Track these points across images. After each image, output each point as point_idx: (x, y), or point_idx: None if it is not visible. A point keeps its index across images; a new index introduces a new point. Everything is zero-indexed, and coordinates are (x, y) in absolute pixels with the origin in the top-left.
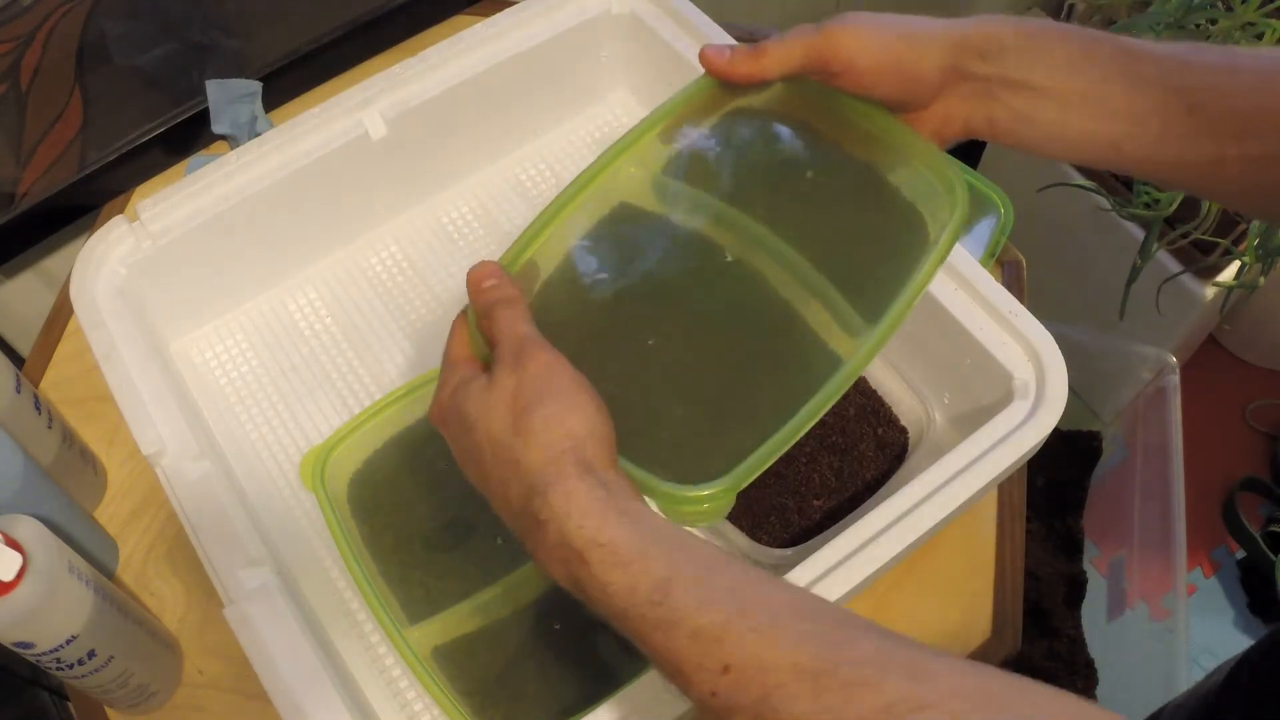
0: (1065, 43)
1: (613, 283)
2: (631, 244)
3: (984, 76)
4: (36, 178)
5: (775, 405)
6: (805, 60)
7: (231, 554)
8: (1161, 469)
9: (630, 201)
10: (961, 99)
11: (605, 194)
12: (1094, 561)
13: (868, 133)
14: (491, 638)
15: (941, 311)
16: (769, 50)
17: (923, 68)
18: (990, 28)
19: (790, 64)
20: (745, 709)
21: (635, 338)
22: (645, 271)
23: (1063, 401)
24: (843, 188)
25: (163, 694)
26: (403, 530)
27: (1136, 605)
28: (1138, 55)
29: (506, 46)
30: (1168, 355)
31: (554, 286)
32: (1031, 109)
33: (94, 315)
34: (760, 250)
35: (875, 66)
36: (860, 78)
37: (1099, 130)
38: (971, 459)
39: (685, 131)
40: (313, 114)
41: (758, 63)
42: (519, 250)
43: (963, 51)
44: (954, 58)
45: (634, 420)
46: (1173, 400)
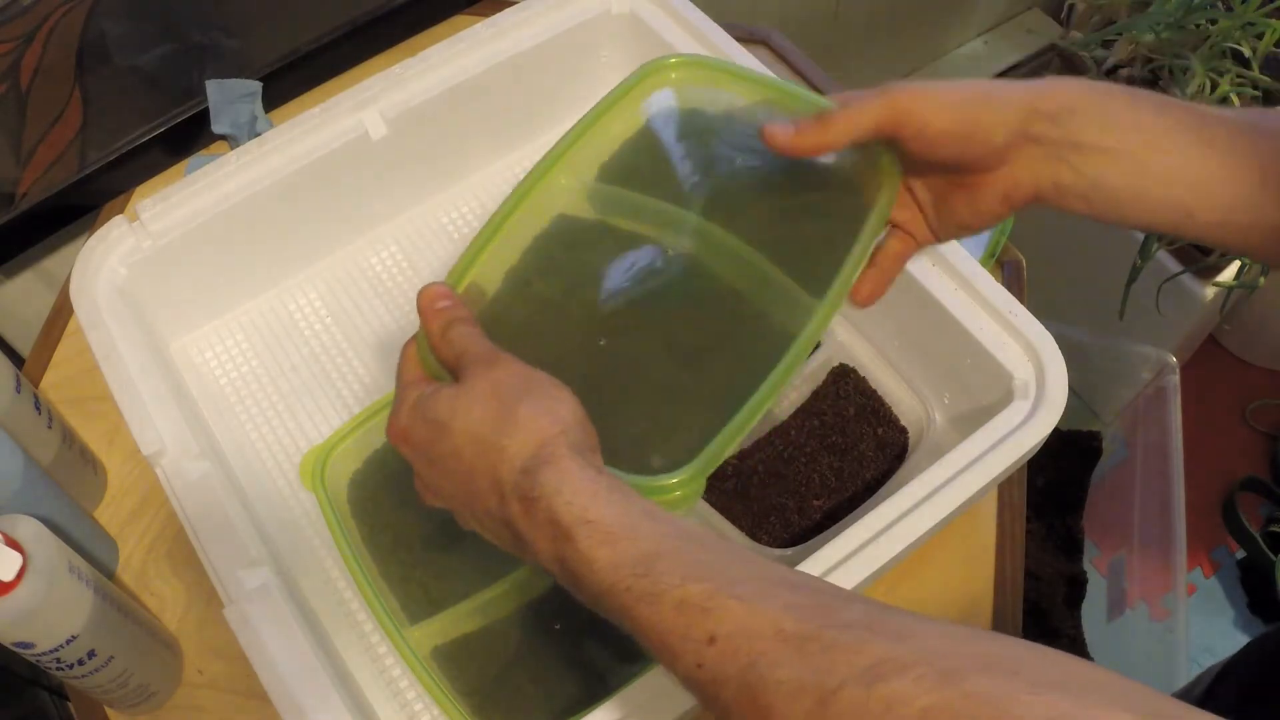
0: (1136, 106)
1: (558, 292)
2: (573, 253)
3: (1054, 140)
4: (36, 178)
5: (733, 387)
6: (877, 129)
7: (231, 554)
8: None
9: (568, 213)
10: (1030, 163)
11: (542, 208)
12: (1094, 561)
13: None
14: (491, 638)
15: (941, 311)
16: (836, 122)
17: (994, 131)
18: (1061, 90)
19: (860, 133)
20: (731, 679)
21: (585, 341)
22: (589, 277)
23: (1063, 401)
24: (773, 171)
25: (163, 694)
26: (402, 530)
27: (1136, 605)
28: (1209, 119)
29: (506, 46)
30: (1168, 355)
31: (500, 303)
32: (1101, 173)
33: (94, 315)
34: (700, 240)
35: (947, 131)
36: (931, 142)
37: (1170, 195)
38: (971, 459)
39: (614, 137)
40: (313, 114)
41: (825, 136)
42: (460, 272)
43: (1033, 115)
44: (1024, 122)
45: (594, 421)
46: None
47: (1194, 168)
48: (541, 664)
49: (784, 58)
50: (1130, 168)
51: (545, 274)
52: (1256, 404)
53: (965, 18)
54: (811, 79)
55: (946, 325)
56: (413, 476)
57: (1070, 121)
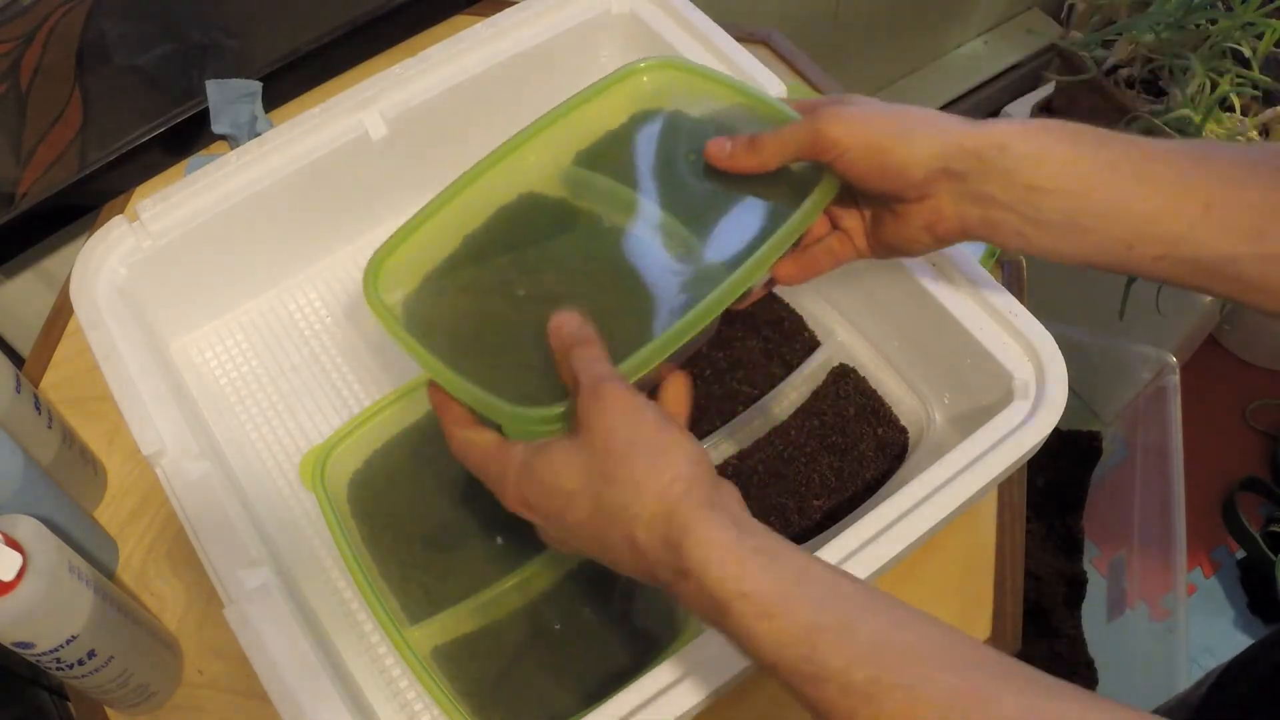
0: (1073, 141)
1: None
2: (531, 229)
3: (981, 178)
4: (36, 178)
5: (636, 338)
6: (799, 152)
7: (231, 554)
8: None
9: (535, 190)
10: (954, 200)
11: (510, 183)
12: (1094, 561)
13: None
14: (491, 638)
15: (941, 311)
16: (766, 146)
17: (908, 164)
18: (993, 128)
19: (787, 155)
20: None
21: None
22: (537, 247)
23: (1063, 402)
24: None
25: (163, 694)
26: (403, 530)
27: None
28: (1151, 153)
29: (506, 46)
30: (1168, 355)
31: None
32: (1035, 211)
33: (94, 315)
34: (644, 221)
35: (862, 163)
36: (850, 166)
37: (1109, 231)
38: (971, 459)
39: (594, 126)
40: (313, 114)
41: (756, 159)
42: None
43: (957, 152)
44: (944, 159)
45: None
46: (1173, 400)
47: (1135, 202)
48: (542, 664)
49: (784, 58)
50: (1067, 204)
51: (500, 244)
52: (1256, 404)
53: (965, 18)
54: (811, 79)
55: (946, 325)
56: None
57: (1000, 159)
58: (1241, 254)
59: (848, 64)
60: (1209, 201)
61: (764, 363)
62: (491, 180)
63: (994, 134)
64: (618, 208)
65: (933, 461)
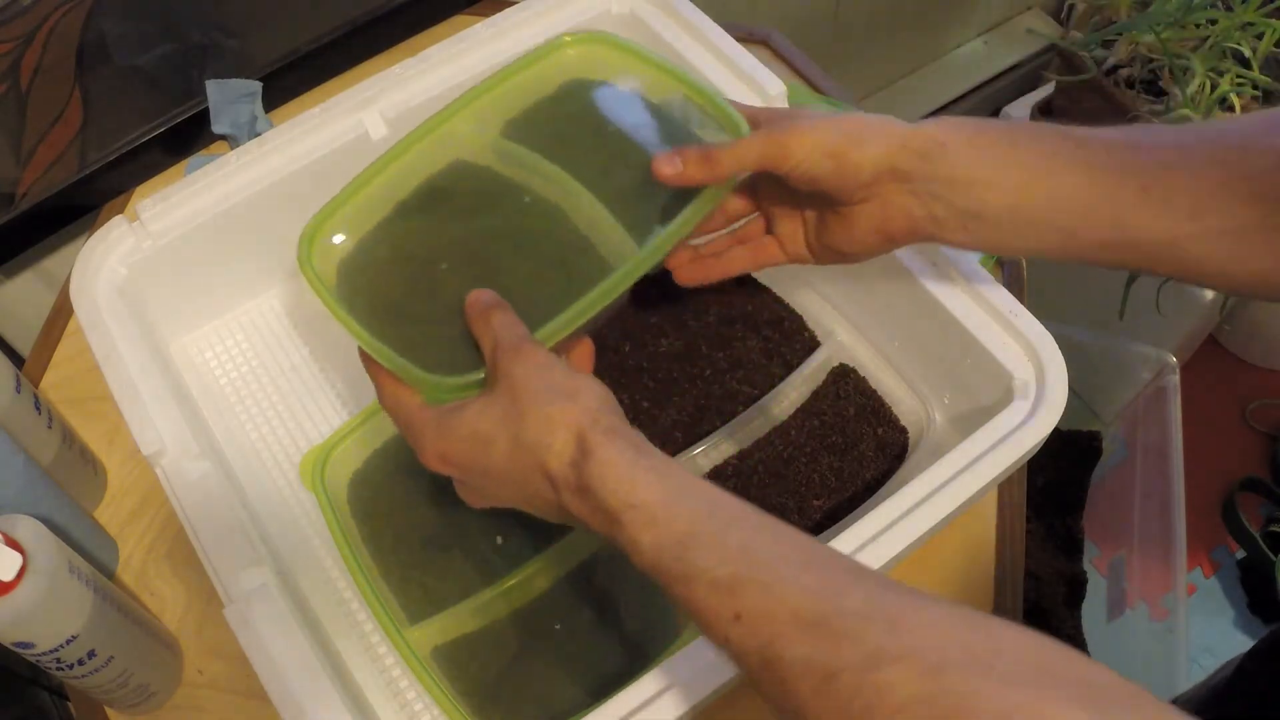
0: (1010, 136)
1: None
2: (458, 197)
3: (924, 176)
4: (36, 178)
5: (550, 308)
6: (759, 164)
7: (231, 554)
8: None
9: (464, 159)
10: (901, 197)
11: (440, 151)
12: (1094, 561)
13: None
14: (491, 638)
15: (941, 311)
16: (722, 159)
17: (859, 162)
18: (933, 128)
19: (745, 167)
20: (754, 652)
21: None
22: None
23: (1063, 401)
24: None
25: (163, 694)
26: (403, 530)
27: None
28: (1086, 142)
29: (506, 46)
30: (1168, 355)
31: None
32: (978, 204)
33: (94, 315)
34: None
35: (817, 163)
36: (804, 178)
37: (1051, 219)
38: (971, 459)
39: (524, 97)
40: (313, 114)
41: (711, 172)
42: (346, 196)
43: (901, 150)
44: (891, 157)
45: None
46: (1173, 400)
47: (1074, 189)
48: (542, 664)
49: (784, 57)
50: (1008, 196)
51: (427, 210)
52: (1256, 404)
53: (965, 18)
54: (811, 79)
55: (947, 325)
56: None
57: (941, 156)
58: (1181, 234)
59: (848, 64)
60: (1145, 185)
61: (764, 363)
62: (423, 149)
63: (935, 133)
64: (541, 180)
65: (933, 461)
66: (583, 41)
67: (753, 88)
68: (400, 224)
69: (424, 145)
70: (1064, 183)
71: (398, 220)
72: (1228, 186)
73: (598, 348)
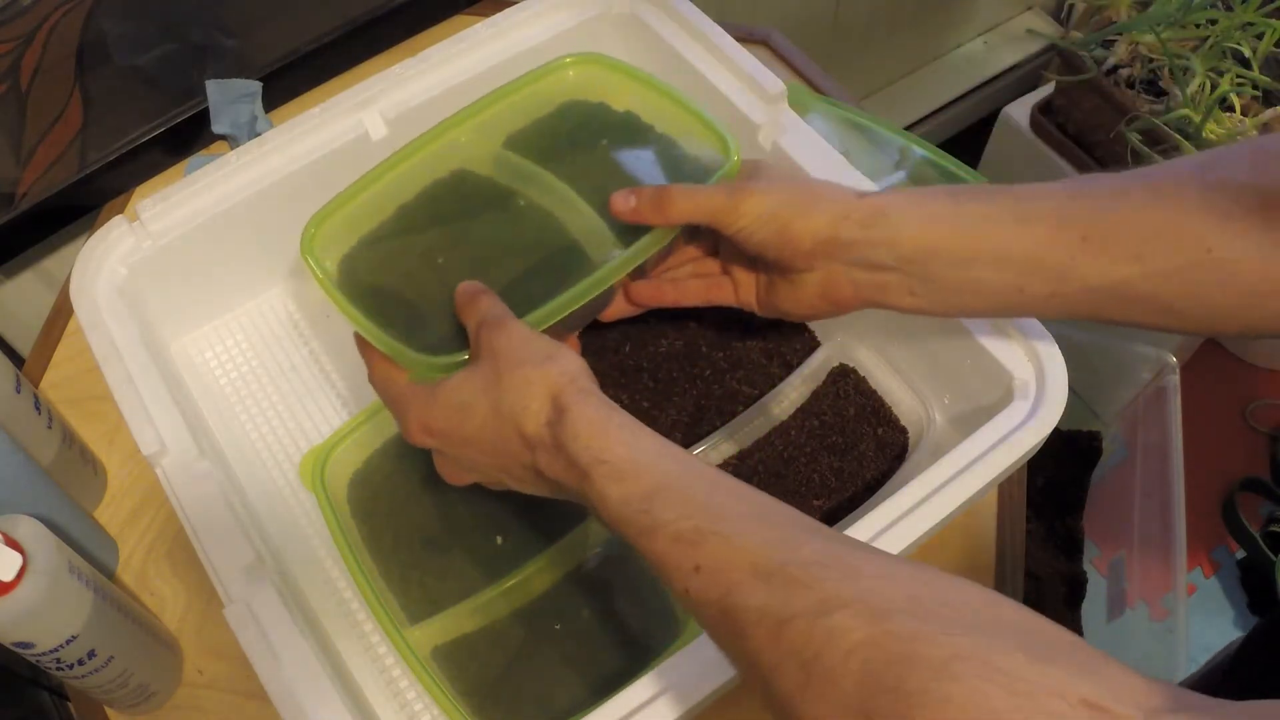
0: (952, 200)
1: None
2: (460, 203)
3: (869, 243)
4: (36, 178)
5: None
6: (710, 220)
7: (231, 554)
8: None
9: (467, 168)
10: (845, 267)
11: (444, 159)
12: (1094, 561)
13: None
14: (491, 638)
15: None
16: (673, 206)
17: (799, 233)
18: (875, 198)
19: (696, 219)
20: (713, 603)
21: (431, 257)
22: (462, 220)
23: (1063, 401)
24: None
25: (163, 694)
26: (402, 530)
27: (1136, 605)
28: (1027, 195)
29: (507, 46)
30: (1168, 355)
31: (384, 229)
32: (923, 270)
33: (94, 315)
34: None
35: (760, 228)
36: (749, 237)
37: (998, 278)
38: (971, 459)
39: (527, 113)
40: (313, 114)
41: (661, 215)
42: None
43: (844, 220)
44: (833, 227)
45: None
46: (1173, 400)
47: (1016, 244)
48: (542, 664)
49: (784, 58)
50: (952, 259)
51: (428, 215)
52: (1256, 404)
53: (965, 18)
54: (811, 79)
55: (946, 325)
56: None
57: (884, 225)
58: (1126, 277)
59: (848, 64)
60: (1086, 233)
61: (764, 363)
62: (427, 156)
63: (876, 202)
64: (537, 188)
65: (933, 461)
66: (582, 62)
67: (752, 88)
68: (401, 224)
69: (428, 152)
70: (1007, 240)
71: (399, 220)
72: (1166, 226)
73: (598, 348)
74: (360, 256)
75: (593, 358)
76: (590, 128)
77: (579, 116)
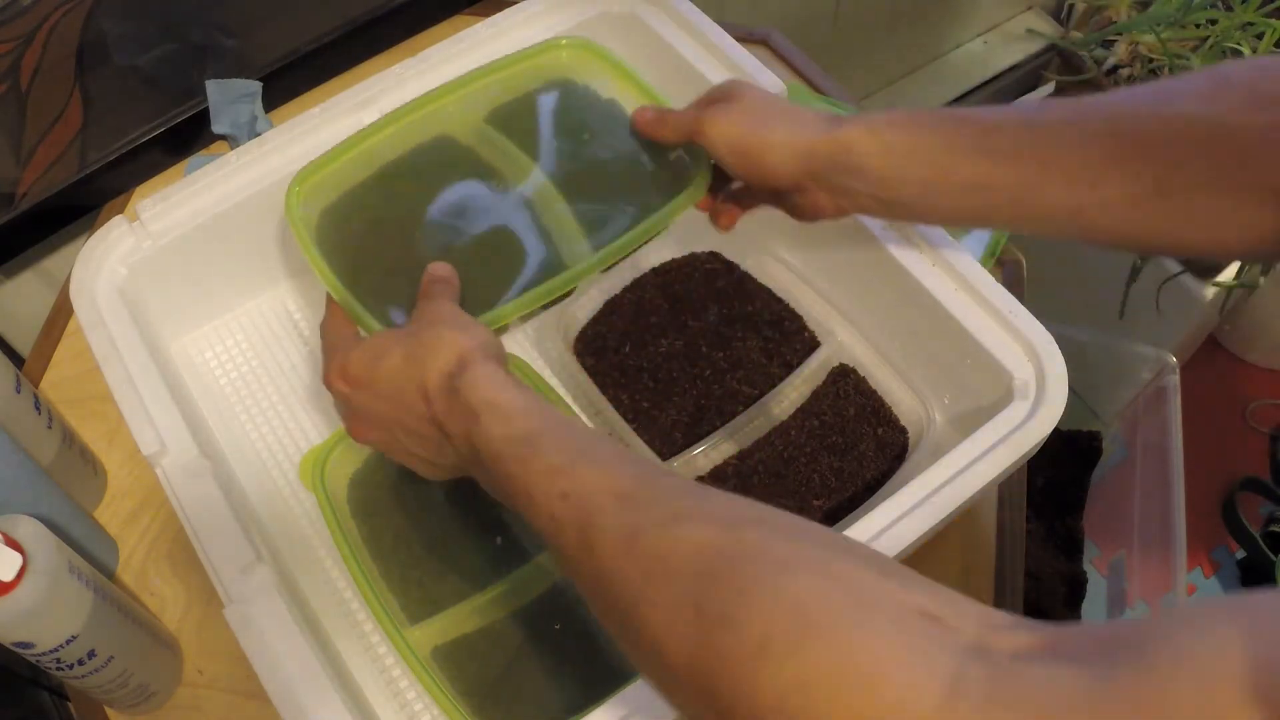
0: (913, 129)
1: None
2: (439, 168)
3: (838, 176)
4: (36, 178)
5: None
6: (688, 137)
7: (232, 554)
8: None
9: (449, 134)
10: (829, 195)
11: (430, 125)
12: (1094, 561)
13: None
14: (491, 638)
15: (941, 311)
16: (668, 121)
17: (775, 170)
18: (838, 132)
19: (680, 136)
20: (573, 526)
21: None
22: (439, 188)
23: (1063, 401)
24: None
25: (163, 694)
26: (402, 531)
27: (1136, 605)
28: (986, 126)
29: (506, 46)
30: (1168, 355)
31: (363, 188)
32: (895, 195)
33: (94, 315)
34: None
35: (733, 162)
36: (726, 167)
37: (961, 202)
38: (971, 459)
39: (512, 89)
40: (313, 114)
41: (660, 130)
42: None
43: (811, 160)
44: (804, 165)
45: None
46: (1173, 400)
47: (977, 175)
48: (542, 664)
49: (784, 58)
50: (917, 188)
51: (408, 176)
52: (1256, 404)
53: (965, 18)
54: (811, 79)
55: (947, 325)
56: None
57: (850, 159)
58: (1084, 204)
59: (848, 64)
60: (1044, 161)
61: (764, 363)
62: (413, 120)
63: (841, 136)
64: (516, 171)
65: (933, 461)
66: (575, 46)
67: None
68: (383, 183)
69: (414, 117)
70: (966, 171)
71: (381, 180)
72: (1122, 155)
73: (598, 348)
74: (340, 215)
75: (593, 358)
76: (573, 112)
77: (566, 97)
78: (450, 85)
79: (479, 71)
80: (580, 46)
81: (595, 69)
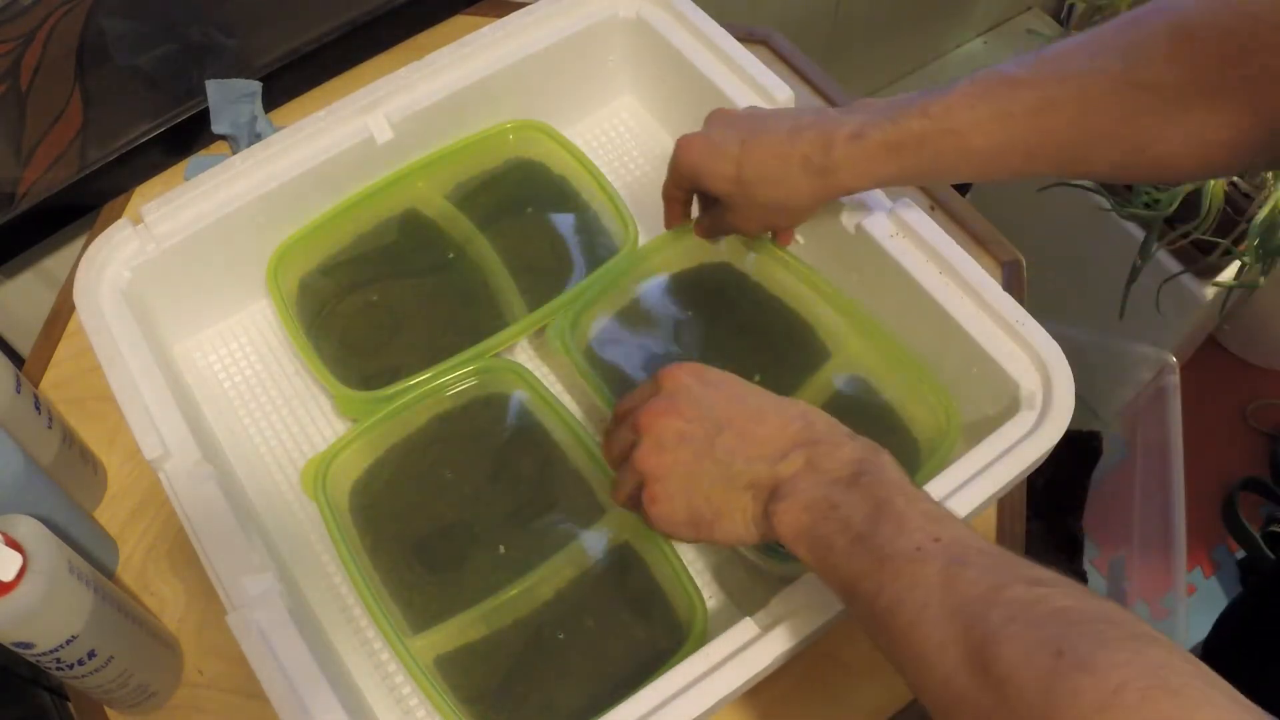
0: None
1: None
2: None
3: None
4: (37, 177)
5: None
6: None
7: (234, 560)
8: (1161, 469)
9: (416, 208)
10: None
11: (399, 199)
12: (1094, 561)
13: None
14: (494, 646)
15: (948, 320)
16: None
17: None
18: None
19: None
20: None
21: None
22: (403, 254)
23: (1069, 412)
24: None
25: (163, 694)
26: (405, 538)
27: (1136, 605)
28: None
29: (512, 50)
30: (1168, 355)
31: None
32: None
33: (97, 318)
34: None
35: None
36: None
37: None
38: (978, 469)
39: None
40: (318, 117)
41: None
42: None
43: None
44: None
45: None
46: (1173, 400)
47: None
48: (545, 673)
49: (784, 58)
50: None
51: (378, 248)
52: (1256, 404)
53: (965, 18)
54: (811, 79)
55: (953, 334)
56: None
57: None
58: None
59: (848, 64)
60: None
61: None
62: (385, 194)
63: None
64: (473, 246)
65: (939, 471)
66: (523, 128)
67: (759, 93)
68: (355, 253)
69: (386, 191)
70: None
71: (354, 250)
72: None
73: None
74: (316, 281)
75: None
76: (527, 188)
77: (520, 173)
78: (418, 161)
79: (442, 151)
80: (530, 128)
81: (545, 148)
